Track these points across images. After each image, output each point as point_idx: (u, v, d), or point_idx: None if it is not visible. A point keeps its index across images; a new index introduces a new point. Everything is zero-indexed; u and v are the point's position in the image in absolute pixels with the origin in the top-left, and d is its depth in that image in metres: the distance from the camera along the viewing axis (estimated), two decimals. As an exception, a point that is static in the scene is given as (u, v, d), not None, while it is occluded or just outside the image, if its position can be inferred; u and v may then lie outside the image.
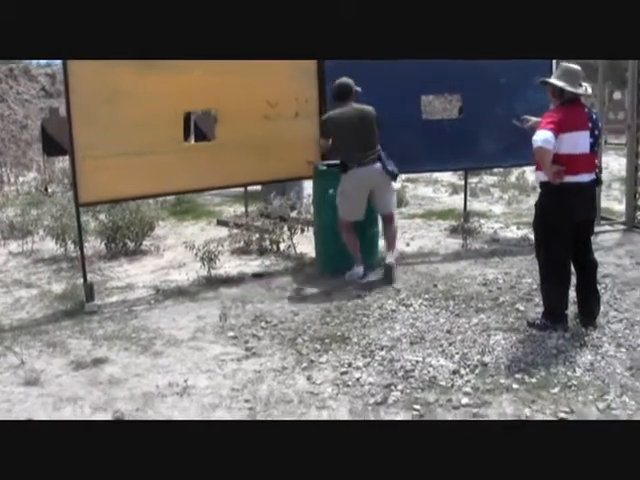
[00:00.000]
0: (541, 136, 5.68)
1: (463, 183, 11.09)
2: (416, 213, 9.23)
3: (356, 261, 7.91)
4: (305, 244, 9.12)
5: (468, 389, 5.14)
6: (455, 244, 9.55)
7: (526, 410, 4.80)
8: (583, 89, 6.01)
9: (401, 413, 4.82)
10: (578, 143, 5.88)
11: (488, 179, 15.46)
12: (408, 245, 9.56)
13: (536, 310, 6.55)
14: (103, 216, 9.77)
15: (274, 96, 8.28)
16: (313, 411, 4.90)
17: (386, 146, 7.92)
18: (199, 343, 6.23)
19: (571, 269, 6.25)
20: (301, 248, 9.15)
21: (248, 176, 8.54)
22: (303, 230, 9.22)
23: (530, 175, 14.62)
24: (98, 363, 5.85)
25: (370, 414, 4.82)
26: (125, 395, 5.23)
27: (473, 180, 14.77)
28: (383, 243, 8.33)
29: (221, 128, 8.33)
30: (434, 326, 6.39)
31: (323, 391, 5.20)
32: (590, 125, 5.95)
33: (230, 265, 8.73)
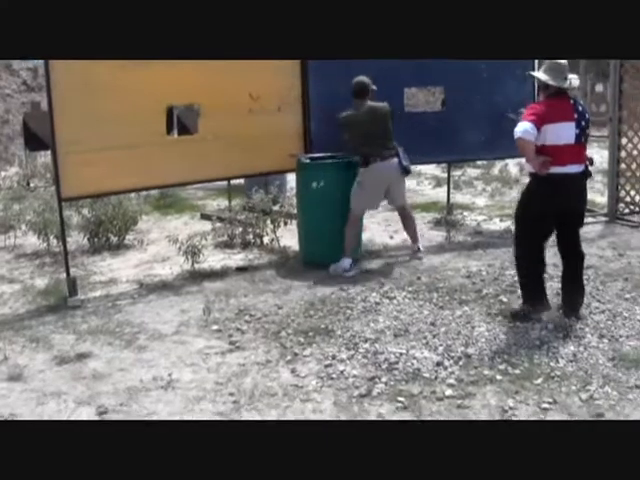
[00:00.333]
0: (521, 127, 5.76)
1: (446, 176, 11.11)
2: (400, 206, 9.24)
3: (345, 254, 7.96)
4: (288, 237, 9.12)
5: (452, 381, 5.16)
6: (438, 236, 9.57)
7: (509, 401, 4.82)
8: (568, 82, 6.06)
9: (385, 405, 4.84)
10: (562, 134, 5.94)
11: (471, 172, 15.46)
12: (392, 238, 9.57)
13: (519, 302, 6.54)
14: (86, 211, 9.72)
15: (256, 89, 8.26)
16: (297, 404, 4.90)
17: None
18: (183, 337, 6.23)
19: (544, 255, 6.38)
20: (284, 241, 9.14)
21: (231, 170, 8.53)
22: (286, 223, 9.21)
23: (513, 168, 14.71)
24: (82, 358, 5.83)
25: (354, 406, 4.83)
26: (109, 390, 5.22)
27: (456, 173, 14.76)
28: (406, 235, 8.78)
29: (203, 122, 8.31)
30: (418, 318, 6.41)
31: (307, 384, 5.21)
32: (576, 116, 6.00)
33: (214, 259, 8.71)
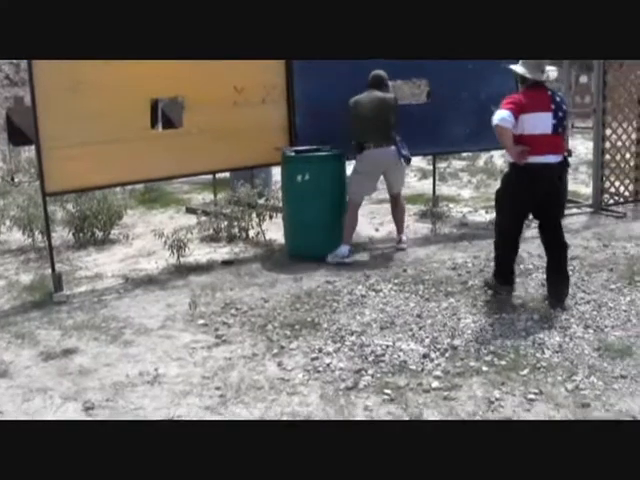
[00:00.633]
0: (498, 115, 5.93)
1: (432, 168, 11.13)
2: (385, 198, 9.22)
3: (345, 241, 8.10)
4: (274, 230, 9.11)
5: (438, 373, 5.17)
6: (424, 229, 9.58)
7: (496, 392, 4.83)
8: (545, 75, 6.21)
9: (372, 397, 4.84)
10: (540, 124, 6.08)
11: (457, 164, 15.50)
12: (377, 230, 9.58)
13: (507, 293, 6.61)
14: (70, 206, 9.69)
15: (241, 82, 8.24)
16: (284, 397, 4.90)
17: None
18: (169, 331, 6.21)
19: (519, 239, 6.59)
20: (270, 234, 9.14)
21: (216, 163, 8.52)
22: (272, 216, 9.21)
23: (498, 159, 14.72)
24: (68, 353, 5.81)
25: (341, 399, 4.83)
26: (95, 385, 5.21)
27: (442, 165, 14.80)
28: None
29: (188, 115, 8.28)
30: (404, 311, 6.41)
31: (294, 377, 5.21)
32: (553, 107, 6.12)
33: (199, 253, 8.70)
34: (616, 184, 10.58)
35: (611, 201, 10.60)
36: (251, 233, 9.28)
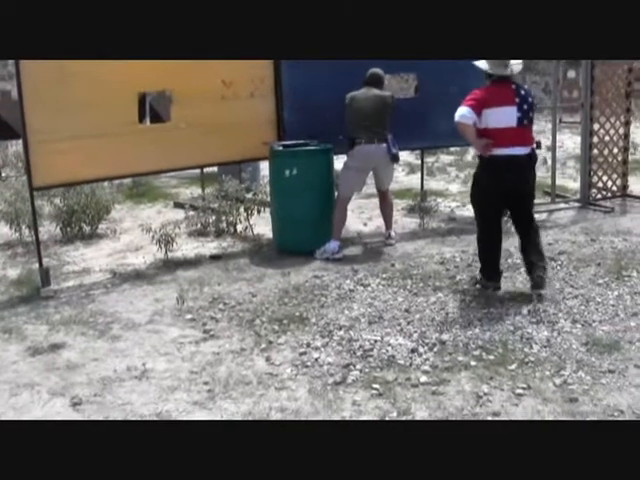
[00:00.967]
0: (459, 112, 6.19)
1: (420, 162, 11.14)
2: (373, 193, 9.22)
3: (334, 236, 8.10)
4: (262, 225, 9.11)
5: (427, 367, 5.17)
6: (412, 223, 9.59)
7: (484, 387, 4.84)
8: (509, 70, 6.42)
9: (360, 392, 4.83)
10: (504, 117, 6.31)
11: (445, 158, 15.50)
12: (365, 225, 9.58)
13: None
14: (58, 200, 9.65)
15: (229, 76, 8.22)
16: (272, 392, 4.89)
17: (343, 126, 8.05)
18: (157, 326, 6.20)
19: (500, 233, 6.70)
20: (258, 229, 9.13)
21: (204, 158, 8.50)
22: (260, 211, 9.20)
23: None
24: (55, 348, 5.79)
25: (329, 394, 4.83)
26: (83, 380, 5.19)
27: (430, 159, 14.80)
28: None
29: (176, 109, 8.25)
30: (392, 305, 6.42)
31: (282, 372, 5.20)
32: (517, 101, 6.35)
33: (187, 247, 8.69)
34: (604, 179, 10.61)
35: (599, 196, 10.62)
36: (239, 228, 9.26)
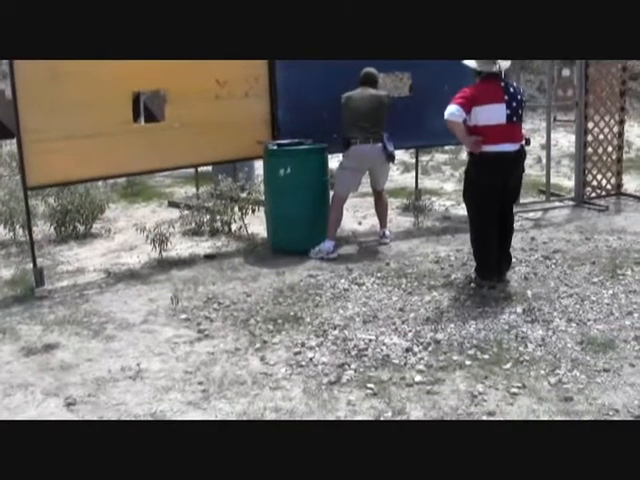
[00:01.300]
0: (448, 110, 6.28)
1: (414, 161, 11.13)
2: (368, 191, 9.21)
3: (329, 236, 8.09)
4: (256, 224, 9.09)
5: (421, 367, 5.17)
6: (407, 222, 9.58)
7: (479, 386, 4.84)
8: (497, 67, 6.49)
9: (355, 392, 4.83)
10: (493, 115, 6.41)
11: (439, 157, 15.49)
12: (360, 224, 9.57)
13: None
14: (52, 200, 9.64)
15: (223, 75, 8.21)
16: (267, 392, 4.89)
17: (337, 125, 8.07)
18: (151, 326, 6.19)
19: (494, 230, 6.72)
20: (252, 228, 9.12)
21: (198, 157, 8.49)
22: (254, 210, 9.18)
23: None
24: (49, 349, 5.78)
25: (324, 393, 4.82)
26: (77, 380, 5.18)
27: (424, 158, 14.79)
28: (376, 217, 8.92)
29: (170, 109, 8.24)
30: (387, 304, 6.41)
31: (277, 372, 5.19)
32: (506, 98, 6.44)
33: (181, 247, 8.68)
34: (598, 177, 10.62)
35: (593, 194, 10.63)
36: (233, 227, 9.25)
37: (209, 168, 11.52)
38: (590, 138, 10.45)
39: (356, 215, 9.96)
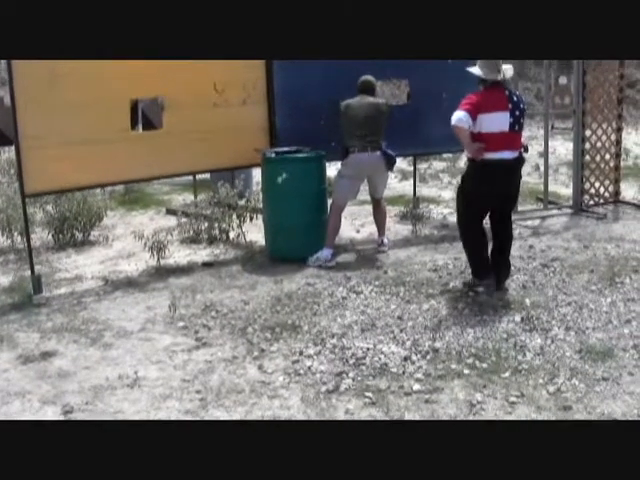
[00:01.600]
0: (456, 116, 6.32)
1: (412, 169, 11.14)
2: (366, 199, 9.21)
3: (327, 244, 8.09)
4: (254, 232, 9.08)
5: (420, 375, 5.16)
6: (405, 230, 9.57)
7: (477, 395, 4.83)
8: (501, 75, 6.55)
9: (353, 401, 4.82)
10: (497, 122, 6.46)
11: (437, 165, 15.50)
12: (358, 232, 9.57)
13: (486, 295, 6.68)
14: (50, 207, 9.63)
15: (221, 83, 8.21)
16: (264, 400, 4.88)
17: (335, 133, 8.07)
18: (149, 334, 6.18)
19: (485, 233, 6.85)
20: (251, 236, 9.11)
21: (196, 165, 8.49)
22: (252, 218, 9.17)
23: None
24: (47, 356, 5.77)
25: (322, 402, 4.81)
26: (74, 388, 5.17)
27: (422, 166, 14.80)
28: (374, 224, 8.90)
29: (168, 116, 8.23)
30: (385, 313, 6.41)
31: (275, 380, 5.18)
32: (510, 106, 6.50)
33: (179, 254, 8.67)
34: (596, 185, 10.62)
35: (591, 202, 10.63)
36: (231, 235, 9.24)
37: (207, 175, 11.52)
38: (588, 146, 10.47)
39: (354, 223, 9.96)
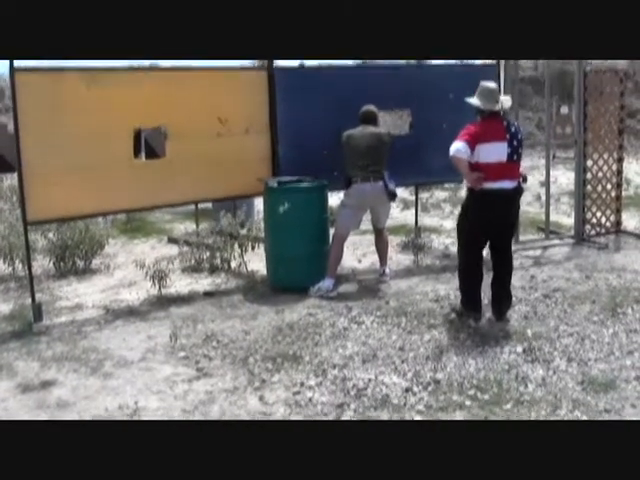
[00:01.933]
0: (454, 146, 6.38)
1: (414, 198, 11.14)
2: (368, 229, 9.20)
3: (329, 274, 8.07)
4: (256, 261, 9.07)
5: (421, 407, 5.14)
6: (406, 260, 9.56)
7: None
8: (499, 105, 6.64)
9: (354, 432, 4.80)
10: (495, 153, 6.51)
11: (439, 194, 15.50)
12: (360, 262, 9.55)
13: (489, 325, 6.71)
14: (52, 234, 9.63)
15: (224, 112, 8.24)
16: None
17: (337, 163, 8.09)
18: (149, 364, 6.16)
19: (481, 265, 6.87)
20: (252, 266, 9.09)
21: (198, 193, 8.50)
22: (254, 247, 9.16)
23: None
24: (46, 385, 5.75)
25: (323, 434, 4.79)
26: (74, 418, 5.14)
27: (424, 195, 14.81)
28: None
29: (171, 145, 8.25)
30: (386, 343, 6.39)
31: (275, 411, 5.16)
32: (508, 137, 6.56)
33: (181, 284, 8.65)
34: (598, 215, 10.62)
35: (593, 232, 10.62)
36: (233, 264, 9.22)
37: (209, 204, 11.54)
38: (589, 176, 10.47)
39: (356, 253, 9.94)
